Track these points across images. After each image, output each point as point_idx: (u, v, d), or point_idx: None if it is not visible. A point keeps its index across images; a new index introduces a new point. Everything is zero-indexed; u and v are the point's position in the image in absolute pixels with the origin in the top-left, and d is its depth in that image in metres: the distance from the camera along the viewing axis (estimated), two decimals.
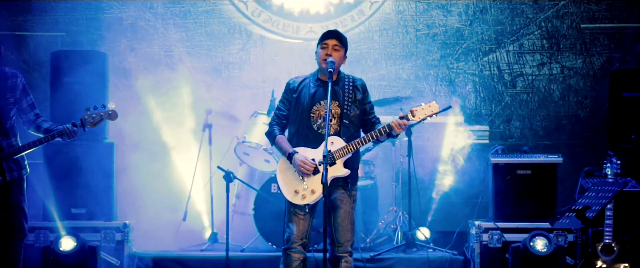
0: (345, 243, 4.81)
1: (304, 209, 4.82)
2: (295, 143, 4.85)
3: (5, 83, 4.97)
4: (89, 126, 5.00)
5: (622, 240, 5.73)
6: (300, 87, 4.92)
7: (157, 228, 6.76)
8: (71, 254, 5.92)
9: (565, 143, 7.39)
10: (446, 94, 7.49)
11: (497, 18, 7.50)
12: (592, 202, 5.04)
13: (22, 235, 5.07)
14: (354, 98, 4.87)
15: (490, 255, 6.25)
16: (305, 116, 4.85)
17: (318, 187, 4.73)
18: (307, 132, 4.85)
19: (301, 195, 4.78)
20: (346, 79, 4.93)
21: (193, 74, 7.48)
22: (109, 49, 7.26)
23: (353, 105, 4.85)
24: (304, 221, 4.83)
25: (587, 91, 7.44)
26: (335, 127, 4.82)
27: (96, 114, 5.00)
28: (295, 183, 4.81)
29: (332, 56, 4.79)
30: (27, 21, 7.55)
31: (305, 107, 4.85)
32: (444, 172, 7.34)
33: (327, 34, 4.89)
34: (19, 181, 5.01)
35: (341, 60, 4.88)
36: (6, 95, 4.96)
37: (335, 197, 4.82)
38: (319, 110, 4.84)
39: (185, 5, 7.60)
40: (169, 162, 7.25)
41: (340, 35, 4.89)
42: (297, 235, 4.82)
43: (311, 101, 4.85)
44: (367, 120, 4.95)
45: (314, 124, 4.84)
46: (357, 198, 4.99)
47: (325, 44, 4.83)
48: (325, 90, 4.77)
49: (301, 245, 4.84)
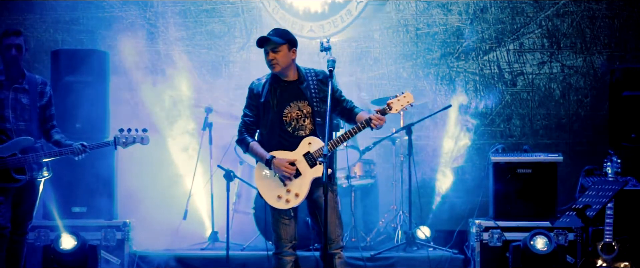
0: (336, 239, 4.76)
1: (289, 213, 4.75)
2: (270, 148, 4.73)
3: (36, 89, 5.16)
4: (121, 146, 5.18)
5: (623, 239, 5.73)
6: (265, 91, 4.79)
7: (158, 227, 6.76)
8: (71, 253, 5.93)
9: (566, 142, 7.39)
10: (446, 92, 7.49)
11: (497, 17, 7.50)
12: (593, 200, 5.04)
13: (22, 232, 5.20)
14: (320, 93, 4.77)
15: (491, 254, 6.26)
16: (278, 120, 4.74)
17: (302, 190, 4.67)
18: (281, 135, 4.75)
19: (284, 199, 4.71)
20: (309, 75, 4.82)
21: (193, 73, 7.49)
22: (110, 48, 7.27)
23: (322, 101, 4.74)
24: (290, 225, 4.78)
25: (587, 90, 7.44)
26: (309, 127, 4.75)
27: (129, 136, 5.17)
28: (277, 189, 4.72)
29: (275, 59, 4.67)
30: (28, 20, 7.57)
31: (276, 111, 4.74)
32: (444, 171, 7.35)
33: (258, 42, 4.71)
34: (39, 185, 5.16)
35: (288, 58, 4.72)
36: (37, 100, 5.16)
37: (318, 195, 4.71)
38: (291, 112, 4.75)
39: (185, 4, 7.60)
40: (169, 161, 7.26)
41: (272, 37, 4.70)
42: (286, 239, 4.77)
43: (280, 104, 4.75)
44: (342, 108, 4.85)
45: (288, 127, 4.74)
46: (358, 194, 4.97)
47: (264, 50, 4.71)
48: (291, 90, 4.73)
49: (291, 247, 4.80)
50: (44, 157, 5.07)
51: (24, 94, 5.11)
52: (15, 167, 4.96)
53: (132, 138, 5.18)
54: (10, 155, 4.95)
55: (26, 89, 5.13)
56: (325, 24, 7.38)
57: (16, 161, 4.95)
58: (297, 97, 4.75)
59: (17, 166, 4.96)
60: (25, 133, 5.05)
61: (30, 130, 5.09)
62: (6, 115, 5.02)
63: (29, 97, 5.12)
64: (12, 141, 4.99)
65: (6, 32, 5.09)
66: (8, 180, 4.96)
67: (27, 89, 5.13)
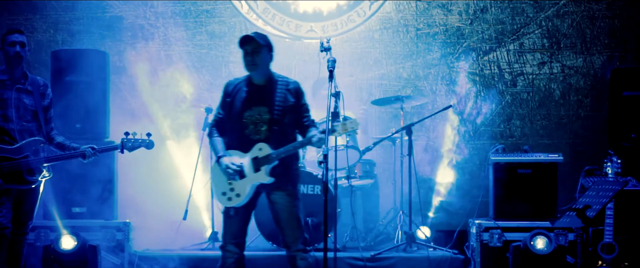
0: (294, 242, 4.87)
1: (231, 211, 4.91)
2: (229, 147, 4.92)
3: (38, 90, 5.18)
4: (127, 150, 5.25)
5: (623, 239, 5.73)
6: (234, 91, 4.93)
7: (158, 227, 6.76)
8: (72, 253, 5.93)
9: (566, 142, 7.39)
10: (446, 92, 7.49)
11: (497, 17, 7.50)
12: (593, 201, 5.04)
13: (23, 232, 5.20)
14: (285, 103, 4.85)
15: (491, 254, 6.26)
16: (238, 121, 4.87)
17: (242, 191, 4.83)
18: (239, 136, 4.88)
19: (227, 197, 4.89)
20: (280, 82, 4.91)
21: (193, 73, 7.49)
22: (110, 48, 7.27)
23: (284, 111, 4.83)
24: (233, 222, 4.93)
25: (587, 90, 7.44)
26: (265, 133, 4.83)
27: (136, 139, 5.23)
28: (223, 186, 4.90)
29: (254, 60, 4.79)
30: (28, 20, 7.56)
31: (238, 112, 4.87)
32: (445, 171, 7.35)
33: (243, 39, 4.83)
34: (40, 185, 5.15)
35: (266, 61, 4.86)
36: (40, 101, 5.18)
37: (273, 199, 4.89)
38: (251, 116, 4.85)
39: (185, 4, 7.60)
40: (169, 161, 7.25)
41: (255, 37, 4.82)
42: (228, 234, 4.94)
43: (242, 106, 4.86)
44: (301, 123, 4.93)
45: (245, 130, 4.86)
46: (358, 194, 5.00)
47: (244, 49, 4.82)
48: (257, 94, 4.85)
49: (234, 244, 4.93)
50: (55, 159, 5.10)
51: (27, 94, 5.12)
52: (28, 169, 4.96)
53: (138, 142, 5.24)
54: (23, 157, 4.95)
55: (29, 90, 5.13)
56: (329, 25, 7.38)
57: (29, 163, 4.96)
58: (260, 102, 4.85)
59: (29, 168, 4.97)
60: (28, 133, 5.06)
61: (33, 131, 5.09)
62: (10, 115, 5.02)
63: (31, 98, 5.12)
64: (25, 142, 5.00)
65: (9, 31, 5.12)
66: (20, 182, 4.97)
67: (30, 90, 5.14)
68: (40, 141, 5.06)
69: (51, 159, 5.10)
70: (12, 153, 4.94)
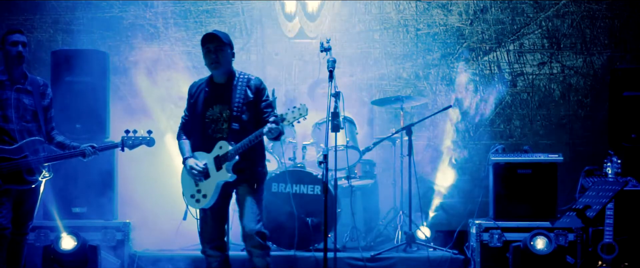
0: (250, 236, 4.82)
1: (202, 213, 4.93)
2: (194, 148, 4.93)
3: (38, 90, 5.18)
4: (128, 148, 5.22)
5: (623, 239, 5.73)
6: (197, 92, 4.95)
7: (158, 228, 6.75)
8: (72, 253, 5.92)
9: (566, 143, 7.40)
10: (446, 93, 7.49)
11: (497, 17, 7.50)
12: (593, 201, 5.04)
13: (23, 232, 5.20)
14: (245, 100, 4.84)
15: (491, 254, 6.25)
16: (201, 121, 4.88)
17: (208, 191, 4.84)
18: (202, 136, 4.89)
19: (195, 199, 4.91)
20: (241, 79, 4.90)
21: (193, 73, 7.47)
22: (110, 49, 7.28)
23: (244, 108, 4.82)
24: (207, 224, 4.94)
25: (587, 90, 7.44)
26: (227, 131, 4.82)
27: (136, 137, 5.20)
28: (191, 188, 4.92)
29: (217, 58, 4.79)
30: (28, 21, 7.56)
31: (200, 112, 4.89)
32: (444, 171, 7.35)
33: (206, 37, 4.83)
34: (40, 185, 5.15)
35: (228, 59, 4.86)
36: (40, 101, 5.17)
37: (238, 192, 4.91)
38: (213, 115, 4.86)
39: (185, 4, 7.60)
40: (169, 161, 7.23)
41: (218, 35, 4.82)
42: (205, 238, 4.96)
43: (204, 106, 4.88)
44: (262, 119, 4.88)
45: (208, 129, 4.87)
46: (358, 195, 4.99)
47: (207, 47, 4.81)
48: (218, 93, 4.84)
49: (213, 247, 4.94)
50: (54, 158, 5.10)
51: (27, 95, 5.11)
52: (27, 169, 4.96)
53: (139, 140, 5.22)
54: (22, 156, 4.95)
55: (29, 90, 5.13)
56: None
57: (28, 163, 4.96)
58: (221, 100, 4.85)
59: (28, 167, 4.96)
60: (28, 133, 5.05)
61: (33, 131, 5.09)
62: (9, 115, 5.01)
63: (31, 98, 5.12)
64: (25, 142, 4.99)
65: (10, 31, 5.12)
66: (20, 182, 4.96)
67: (30, 90, 5.13)
68: (39, 141, 5.05)
69: (51, 159, 5.09)
70: (11, 153, 4.94)
